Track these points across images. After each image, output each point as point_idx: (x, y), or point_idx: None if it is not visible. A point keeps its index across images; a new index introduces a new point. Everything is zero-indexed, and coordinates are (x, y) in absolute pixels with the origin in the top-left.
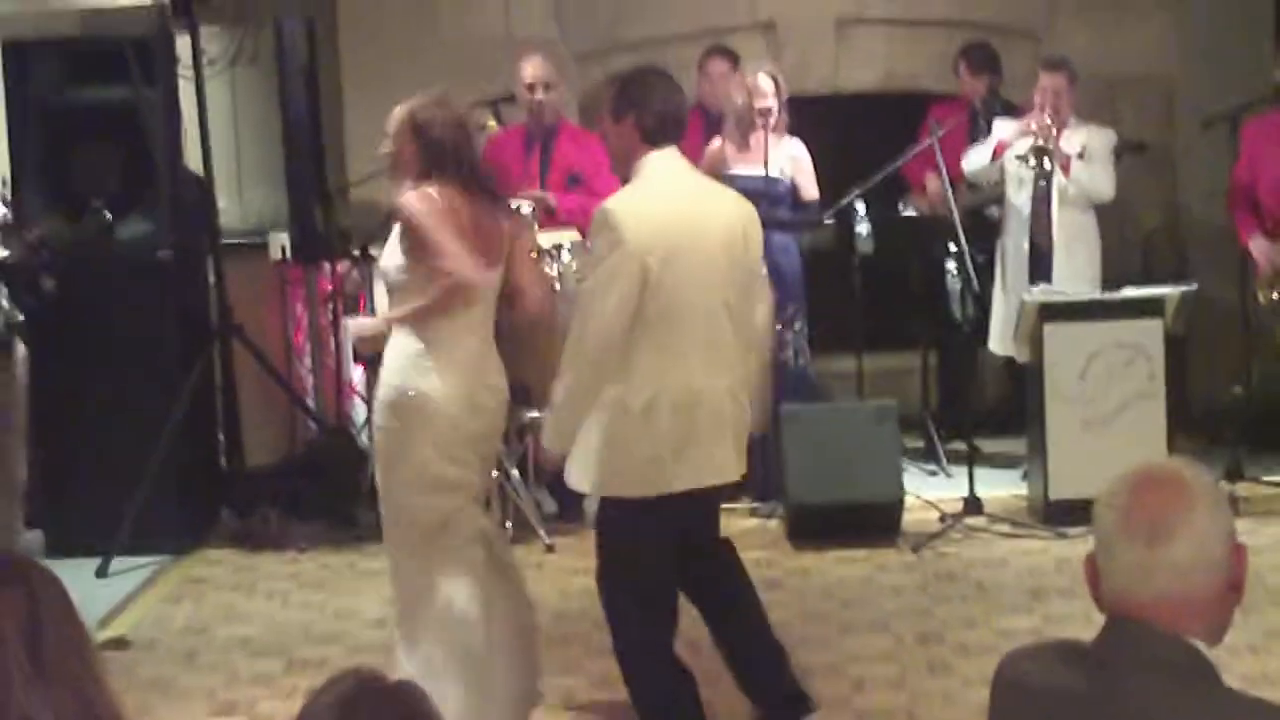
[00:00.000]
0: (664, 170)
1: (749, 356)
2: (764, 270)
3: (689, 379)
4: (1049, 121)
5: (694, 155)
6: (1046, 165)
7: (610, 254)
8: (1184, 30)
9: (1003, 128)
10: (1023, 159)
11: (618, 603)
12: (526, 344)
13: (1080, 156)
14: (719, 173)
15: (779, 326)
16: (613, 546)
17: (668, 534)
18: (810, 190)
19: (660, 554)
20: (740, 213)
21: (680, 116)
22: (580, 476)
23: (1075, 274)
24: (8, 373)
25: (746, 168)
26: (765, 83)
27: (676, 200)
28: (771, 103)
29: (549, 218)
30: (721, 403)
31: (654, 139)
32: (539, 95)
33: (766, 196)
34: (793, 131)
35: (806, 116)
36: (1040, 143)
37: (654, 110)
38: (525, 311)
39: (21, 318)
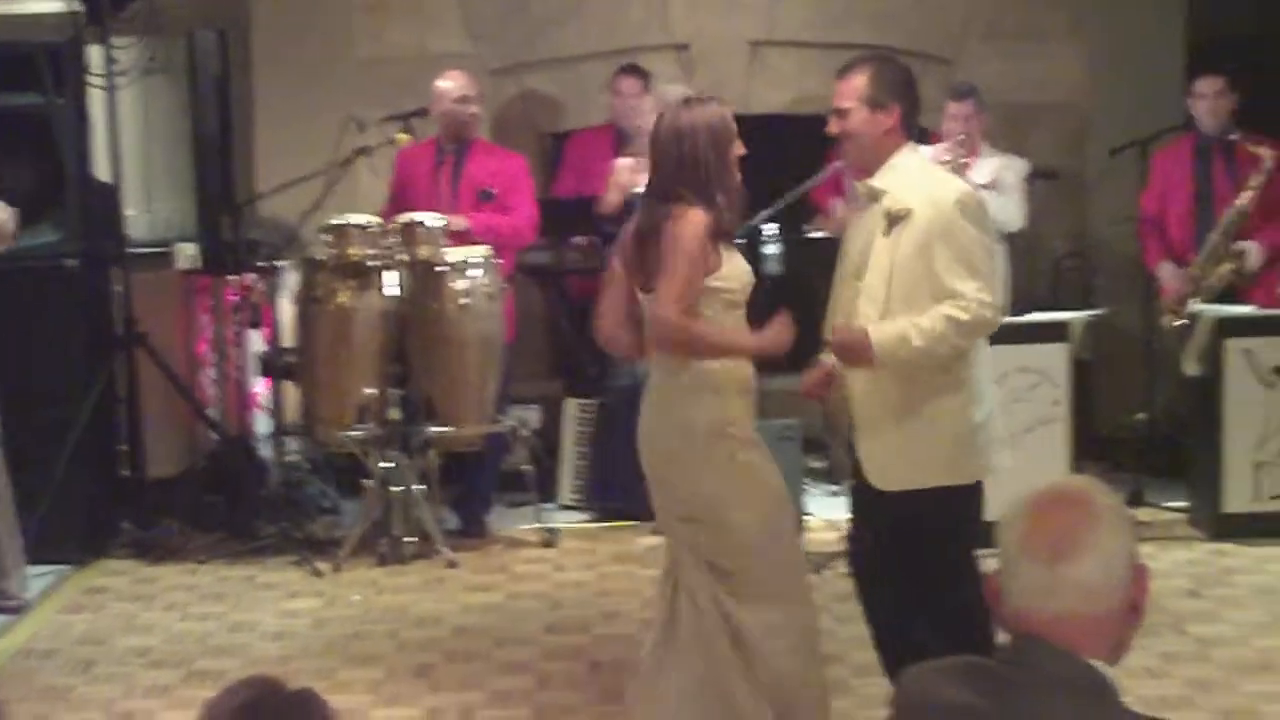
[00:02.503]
0: (927, 160)
1: None
2: None
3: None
4: (962, 152)
5: (607, 172)
6: None
7: (983, 237)
8: (1095, 58)
9: None
10: None
11: (968, 593)
12: (434, 359)
13: (991, 186)
14: (627, 191)
15: None
16: (964, 538)
17: None
18: None
19: None
20: None
21: None
22: (933, 472)
23: None
24: None
25: None
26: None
27: None
28: None
29: (460, 236)
30: None
31: (911, 132)
32: (470, 109)
33: None
34: None
35: None
36: None
37: (915, 102)
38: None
39: None
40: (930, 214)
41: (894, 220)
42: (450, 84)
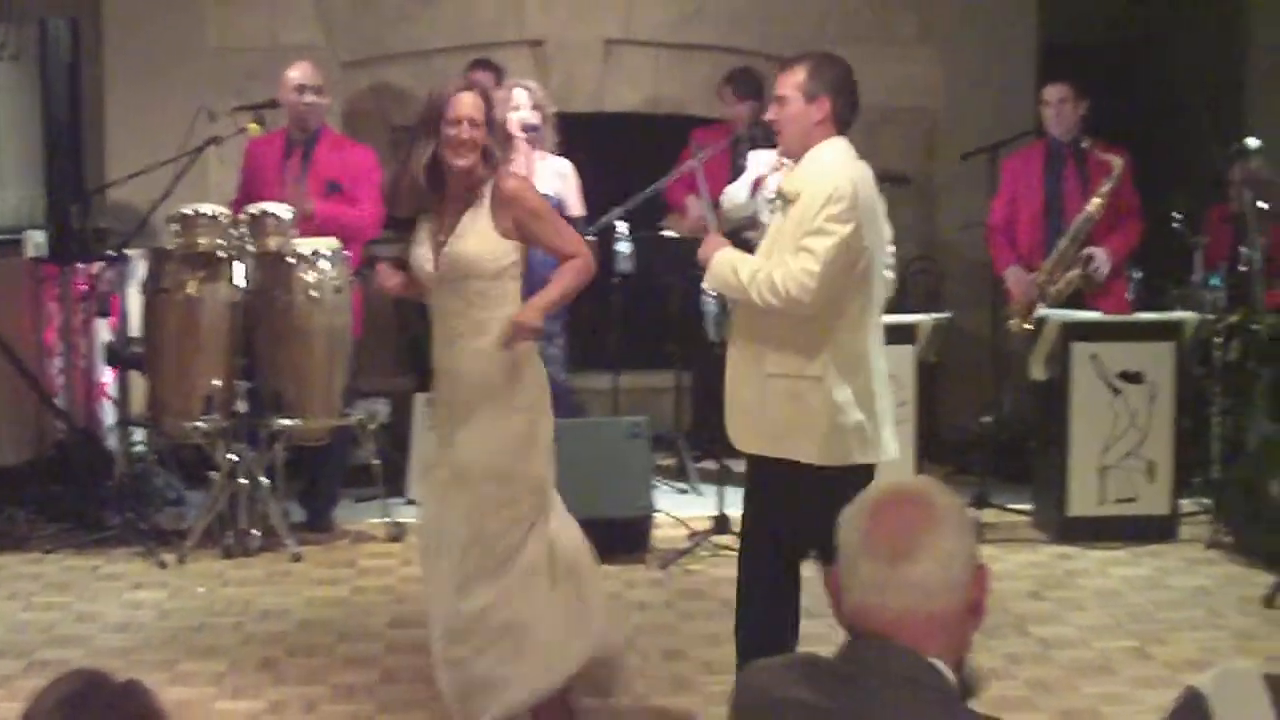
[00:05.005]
0: (853, 155)
1: None
2: None
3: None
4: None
5: None
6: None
7: (842, 229)
8: (947, 64)
9: (759, 161)
10: (773, 201)
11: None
12: (282, 351)
13: None
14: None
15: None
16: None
17: None
18: (576, 207)
19: None
20: None
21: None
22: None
23: None
24: None
25: None
26: (520, 94)
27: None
28: (532, 116)
29: (307, 223)
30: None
31: (844, 126)
32: (307, 99)
33: None
34: (560, 150)
35: (572, 135)
36: None
37: (851, 98)
38: None
39: None
40: (808, 198)
41: (788, 200)
42: (292, 74)
